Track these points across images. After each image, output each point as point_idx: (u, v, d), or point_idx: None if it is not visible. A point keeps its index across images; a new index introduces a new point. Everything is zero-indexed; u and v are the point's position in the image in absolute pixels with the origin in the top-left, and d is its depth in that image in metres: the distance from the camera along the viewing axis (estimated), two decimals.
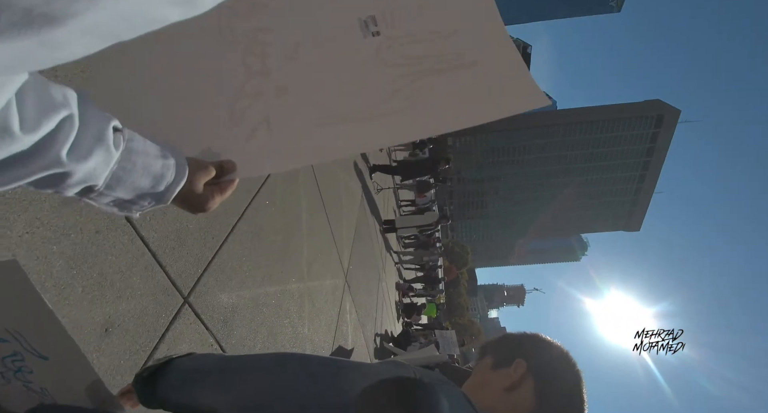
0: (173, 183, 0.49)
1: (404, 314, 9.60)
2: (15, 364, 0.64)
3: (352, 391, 0.53)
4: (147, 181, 0.46)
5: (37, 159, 0.33)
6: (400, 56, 0.61)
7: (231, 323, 2.11)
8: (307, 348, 3.11)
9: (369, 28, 0.60)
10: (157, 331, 1.56)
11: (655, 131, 61.73)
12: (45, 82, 0.34)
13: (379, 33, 0.60)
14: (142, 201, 0.47)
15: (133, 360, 1.41)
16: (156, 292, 1.58)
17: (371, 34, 0.60)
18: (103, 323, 1.32)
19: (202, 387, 0.71)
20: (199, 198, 0.54)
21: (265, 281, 2.59)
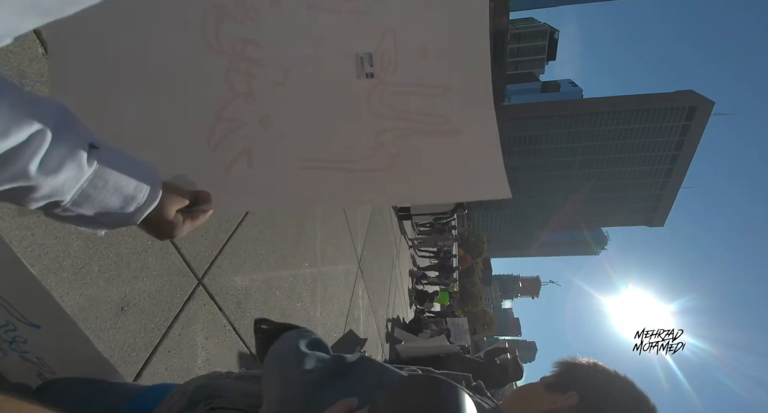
0: (143, 205, 0.47)
1: (417, 301, 9.65)
2: (8, 335, 0.64)
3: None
4: (117, 201, 0.44)
5: (2, 170, 0.33)
6: (389, 107, 0.58)
7: (244, 305, 2.15)
8: (318, 331, 3.14)
9: (364, 67, 0.57)
10: (171, 311, 1.60)
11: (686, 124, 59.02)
12: (23, 95, 0.33)
13: (373, 75, 0.58)
14: (107, 219, 0.45)
15: (147, 338, 1.45)
16: (171, 273, 1.61)
17: (365, 74, 0.58)
18: (119, 302, 1.36)
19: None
20: (167, 224, 0.52)
21: (278, 265, 2.62)
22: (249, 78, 0.56)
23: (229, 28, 0.55)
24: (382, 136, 0.58)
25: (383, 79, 0.58)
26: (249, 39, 0.56)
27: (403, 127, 0.58)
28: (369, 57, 0.57)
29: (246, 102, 0.57)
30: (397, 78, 0.58)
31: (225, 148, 0.57)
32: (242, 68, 0.56)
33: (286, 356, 0.58)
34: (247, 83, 0.56)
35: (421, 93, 0.58)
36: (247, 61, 0.56)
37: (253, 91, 0.57)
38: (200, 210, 0.57)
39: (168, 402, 0.68)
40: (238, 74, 0.56)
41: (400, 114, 0.58)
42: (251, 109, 0.57)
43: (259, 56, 0.56)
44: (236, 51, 0.56)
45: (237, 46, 0.56)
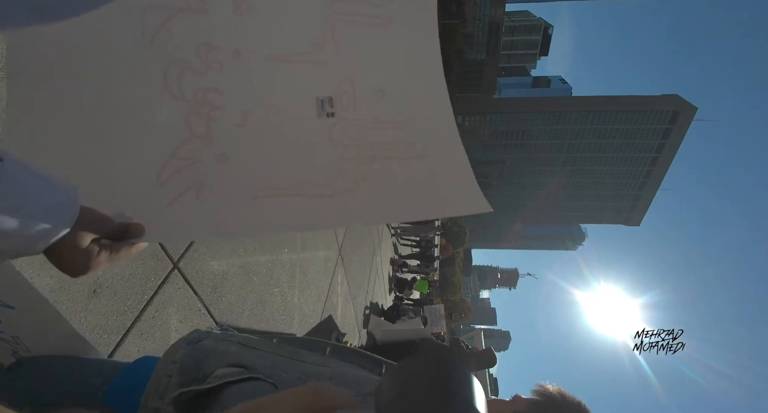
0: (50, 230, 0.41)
1: (396, 288, 9.79)
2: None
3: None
4: (14, 223, 0.38)
5: None
6: (352, 138, 0.60)
7: (220, 289, 2.16)
8: (295, 317, 3.20)
9: (325, 108, 0.59)
10: (145, 294, 1.60)
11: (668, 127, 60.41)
12: None
13: (333, 114, 0.60)
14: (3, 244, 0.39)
15: (120, 321, 1.46)
16: (145, 257, 1.61)
17: (326, 114, 0.60)
18: (91, 284, 1.36)
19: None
20: (78, 256, 0.44)
21: (256, 250, 2.62)
22: (209, 121, 0.57)
23: (191, 79, 0.56)
24: (344, 163, 0.60)
25: (344, 116, 0.60)
26: (210, 87, 0.57)
27: (366, 155, 0.60)
28: (329, 99, 0.60)
29: (202, 142, 0.57)
30: (358, 115, 0.61)
31: (173, 184, 0.56)
32: (203, 112, 0.57)
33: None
34: (206, 125, 0.57)
35: (383, 126, 0.61)
36: (208, 107, 0.57)
37: (211, 132, 0.57)
38: (126, 244, 0.51)
39: (157, 387, 0.64)
40: (198, 118, 0.57)
41: (362, 143, 0.60)
42: (207, 148, 0.57)
43: (220, 102, 0.57)
44: (197, 98, 0.57)
45: (198, 94, 0.57)
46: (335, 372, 0.66)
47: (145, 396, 0.63)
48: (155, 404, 0.61)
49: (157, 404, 0.61)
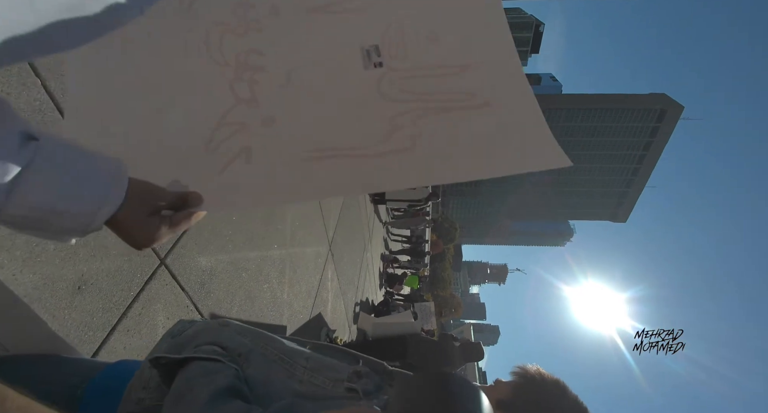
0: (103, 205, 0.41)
1: (387, 284, 9.83)
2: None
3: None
4: (66, 201, 0.39)
5: None
6: (403, 91, 0.55)
7: (208, 285, 2.14)
8: (285, 313, 3.19)
9: (371, 58, 0.55)
10: (131, 290, 1.59)
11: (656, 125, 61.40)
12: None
13: (381, 64, 0.55)
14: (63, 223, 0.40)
15: (105, 318, 1.44)
16: (131, 253, 1.59)
17: (373, 65, 0.55)
18: (75, 281, 1.34)
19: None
20: (139, 229, 0.46)
21: (245, 246, 2.61)
22: (252, 84, 0.55)
23: (231, 42, 0.55)
24: (398, 119, 0.54)
25: (393, 66, 0.55)
26: (251, 49, 0.55)
27: (421, 108, 0.54)
28: (375, 48, 0.55)
29: (248, 106, 0.55)
30: (408, 64, 0.55)
31: (222, 151, 0.55)
32: (246, 77, 0.55)
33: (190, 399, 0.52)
34: (250, 90, 0.55)
35: (436, 74, 0.55)
36: (251, 70, 0.55)
37: (255, 96, 0.55)
38: (185, 214, 0.51)
39: (141, 378, 0.65)
40: (242, 82, 0.55)
41: (415, 96, 0.55)
42: (253, 112, 0.55)
43: (261, 63, 0.55)
44: (240, 61, 0.55)
45: (240, 57, 0.55)
46: (313, 355, 0.66)
47: (128, 390, 0.63)
48: (139, 395, 0.62)
49: (141, 394, 0.62)
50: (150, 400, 0.60)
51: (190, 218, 0.52)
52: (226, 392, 0.54)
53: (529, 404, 0.67)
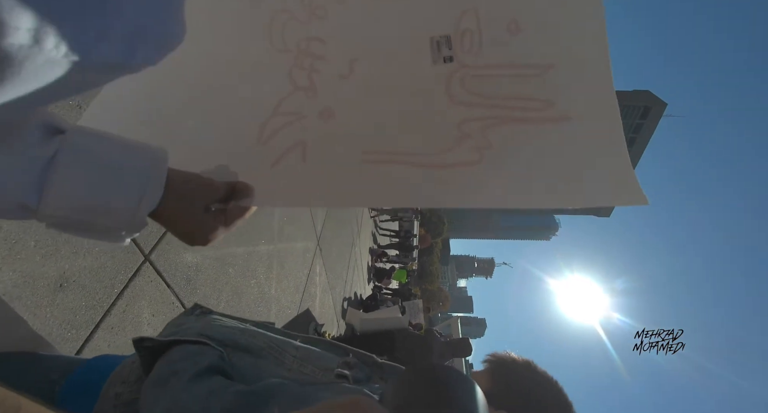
0: (139, 198, 0.38)
1: (375, 278, 9.87)
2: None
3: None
4: (101, 198, 0.36)
5: None
6: (474, 93, 0.48)
7: (194, 281, 2.13)
8: (272, 308, 3.19)
9: (441, 50, 0.49)
10: (115, 287, 1.56)
11: (640, 122, 62.57)
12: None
13: (452, 58, 0.48)
14: (105, 221, 0.37)
15: (89, 315, 1.42)
16: (114, 250, 1.57)
17: (443, 59, 0.49)
18: (57, 278, 1.31)
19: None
20: (196, 226, 0.43)
21: (232, 242, 2.59)
22: (311, 73, 0.52)
23: (294, 29, 0.52)
24: (466, 125, 0.48)
25: (465, 62, 0.49)
26: (313, 36, 0.52)
27: (493, 115, 0.48)
28: (446, 40, 0.49)
29: (306, 95, 0.52)
30: (483, 60, 0.48)
31: (277, 142, 0.51)
32: (305, 64, 0.52)
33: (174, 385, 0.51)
34: (308, 78, 0.52)
35: (514, 74, 0.48)
36: (311, 57, 0.52)
37: (314, 85, 0.52)
38: (237, 209, 0.47)
39: (120, 374, 0.63)
40: (301, 70, 0.52)
41: (488, 100, 0.48)
42: (311, 102, 0.52)
43: (323, 51, 0.52)
44: (301, 49, 0.52)
45: (302, 44, 0.52)
46: (302, 345, 0.67)
47: (107, 385, 0.62)
48: (117, 389, 0.61)
49: (119, 389, 0.61)
50: (128, 394, 0.59)
51: (244, 213, 0.49)
52: (208, 370, 0.54)
53: (509, 390, 0.68)
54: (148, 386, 0.54)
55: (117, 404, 0.59)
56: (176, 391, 0.51)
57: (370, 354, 0.72)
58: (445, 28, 0.49)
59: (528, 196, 0.48)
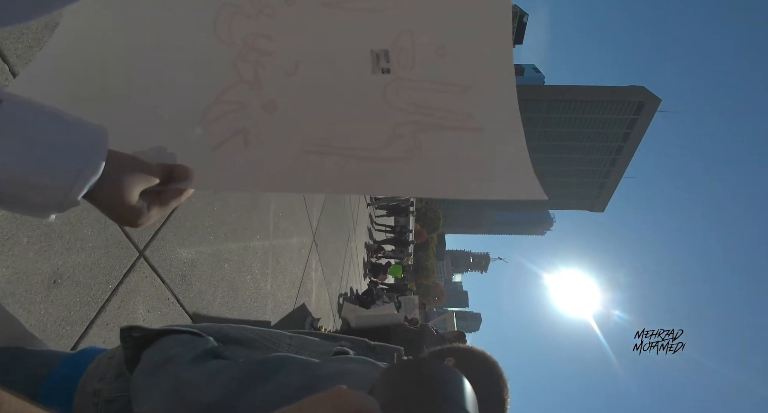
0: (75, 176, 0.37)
1: (371, 273, 9.90)
2: None
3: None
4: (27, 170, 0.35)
5: None
6: (407, 101, 0.56)
7: (190, 277, 2.12)
8: (268, 304, 3.19)
9: (380, 62, 0.55)
10: (109, 284, 1.56)
11: (634, 117, 62.87)
12: None
13: (389, 70, 0.55)
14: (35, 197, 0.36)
15: (83, 312, 1.42)
16: (109, 246, 1.56)
17: (381, 70, 0.55)
18: (50, 274, 1.31)
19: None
20: (127, 208, 0.43)
21: (227, 237, 2.58)
22: (257, 66, 0.54)
23: (242, 23, 0.54)
24: (400, 128, 0.55)
25: (400, 74, 0.55)
26: (261, 33, 0.54)
27: (423, 121, 0.56)
28: (385, 53, 0.55)
29: (250, 88, 0.54)
30: (415, 74, 0.55)
31: (219, 127, 0.54)
32: (251, 57, 0.54)
33: (173, 370, 0.51)
34: (254, 71, 0.54)
35: (441, 90, 0.56)
36: (257, 52, 0.54)
37: (259, 78, 0.54)
38: (174, 191, 0.48)
39: (96, 370, 0.62)
40: (246, 63, 0.54)
41: (419, 108, 0.56)
42: (255, 94, 0.55)
43: (270, 48, 0.54)
44: (247, 42, 0.54)
45: (248, 39, 0.54)
46: (296, 335, 0.68)
47: (83, 381, 0.61)
48: (94, 386, 0.59)
49: (96, 386, 0.59)
50: (109, 392, 0.58)
51: (180, 195, 0.49)
52: (207, 353, 0.54)
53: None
54: (141, 375, 0.53)
55: (97, 401, 0.58)
56: (177, 372, 0.50)
57: (362, 339, 0.75)
58: (384, 44, 0.55)
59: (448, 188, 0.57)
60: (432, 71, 0.56)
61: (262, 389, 0.49)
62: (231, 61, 0.54)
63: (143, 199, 0.44)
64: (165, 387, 0.49)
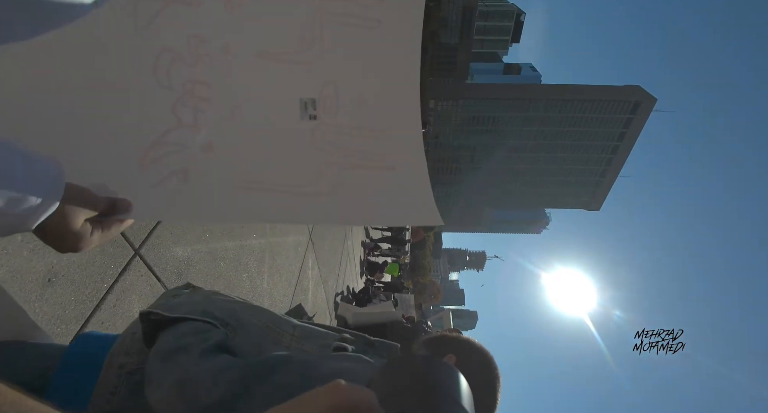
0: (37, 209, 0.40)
1: (368, 271, 9.90)
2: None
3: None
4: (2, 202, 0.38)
5: None
6: (332, 144, 0.63)
7: (185, 275, 2.12)
8: (265, 302, 3.19)
9: (308, 110, 0.62)
10: (105, 282, 1.55)
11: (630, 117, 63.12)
12: None
13: (316, 117, 0.62)
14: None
15: (78, 310, 1.41)
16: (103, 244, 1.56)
17: (309, 116, 0.62)
18: (45, 273, 1.30)
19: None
20: (72, 235, 0.46)
21: (223, 236, 2.58)
22: (196, 112, 0.59)
23: (180, 70, 0.57)
24: (325, 167, 0.63)
25: (326, 121, 0.62)
26: (199, 80, 0.58)
27: (345, 162, 0.63)
28: (312, 102, 0.62)
29: (190, 132, 0.59)
30: (338, 120, 0.63)
31: (159, 166, 0.58)
32: (190, 103, 0.58)
33: (184, 361, 0.54)
34: (193, 116, 0.59)
35: (361, 134, 0.64)
36: (196, 98, 0.58)
37: (198, 122, 0.59)
38: (115, 220, 0.52)
39: (122, 346, 0.66)
40: (185, 108, 0.58)
41: (342, 151, 0.63)
42: (194, 136, 0.59)
43: (208, 94, 0.59)
44: (186, 89, 0.58)
45: (187, 85, 0.58)
46: (300, 324, 0.70)
47: (110, 357, 0.65)
48: (120, 360, 0.63)
49: (122, 360, 0.63)
50: (130, 365, 0.62)
51: (120, 225, 0.53)
52: (216, 348, 0.58)
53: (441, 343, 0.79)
54: (157, 358, 0.57)
55: (121, 374, 0.62)
56: (187, 365, 0.54)
57: (362, 334, 0.77)
58: (312, 93, 0.62)
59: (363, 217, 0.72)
60: (353, 117, 0.63)
61: (260, 390, 0.51)
62: (170, 105, 0.58)
63: (87, 225, 0.48)
64: (173, 381, 0.53)
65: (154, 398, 0.54)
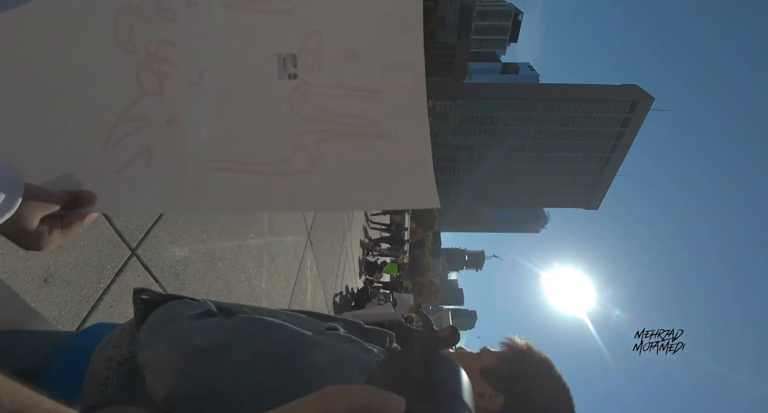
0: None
1: (367, 272, 9.90)
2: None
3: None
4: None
5: None
6: (314, 108, 0.54)
7: (183, 276, 2.11)
8: (263, 303, 3.19)
9: (287, 68, 0.53)
10: (101, 282, 1.55)
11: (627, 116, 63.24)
12: None
13: (296, 76, 0.53)
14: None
15: (75, 311, 1.41)
16: (100, 244, 1.55)
17: (288, 75, 0.53)
18: (41, 273, 1.30)
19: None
20: (29, 234, 0.45)
21: (221, 235, 2.57)
22: (161, 77, 0.52)
23: (142, 29, 0.51)
24: (303, 137, 0.54)
25: (307, 80, 0.54)
26: (163, 39, 0.52)
27: (326, 129, 0.54)
28: (292, 58, 0.53)
29: (155, 101, 0.53)
30: (323, 80, 0.54)
31: (123, 148, 0.53)
32: (154, 68, 0.52)
33: (173, 325, 0.55)
34: (158, 82, 0.52)
35: (348, 95, 0.55)
36: (160, 61, 0.52)
37: (164, 90, 0.53)
38: (78, 216, 0.50)
39: (110, 339, 0.65)
40: (149, 74, 0.52)
41: (324, 115, 0.54)
42: (160, 108, 0.53)
43: (173, 56, 0.52)
44: (149, 51, 0.51)
45: (150, 47, 0.52)
46: (291, 313, 0.70)
47: (98, 350, 0.64)
48: (108, 353, 0.62)
49: (110, 352, 0.62)
50: (120, 356, 0.61)
51: (83, 220, 0.51)
52: (207, 314, 0.58)
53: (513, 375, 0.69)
54: (146, 330, 0.58)
55: (110, 366, 0.61)
56: (177, 325, 0.55)
57: (357, 321, 0.74)
58: (291, 47, 0.53)
59: (348, 201, 0.58)
60: (340, 75, 0.54)
61: (251, 344, 0.51)
62: (135, 73, 0.52)
63: (45, 224, 0.46)
64: (164, 337, 0.54)
65: (146, 356, 0.53)
